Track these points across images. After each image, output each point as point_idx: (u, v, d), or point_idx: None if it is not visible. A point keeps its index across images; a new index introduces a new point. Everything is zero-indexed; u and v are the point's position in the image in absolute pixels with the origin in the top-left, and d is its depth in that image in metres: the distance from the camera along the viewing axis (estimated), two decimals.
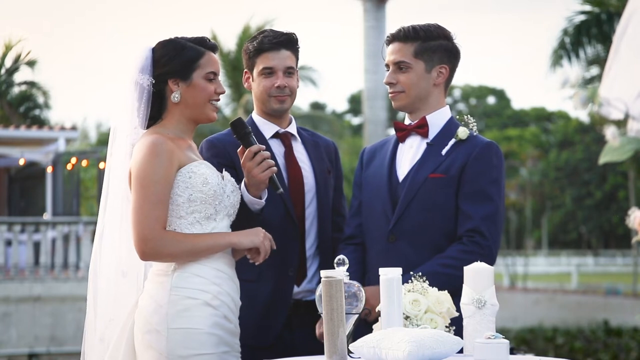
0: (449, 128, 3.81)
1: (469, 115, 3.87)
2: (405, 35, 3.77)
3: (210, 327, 3.36)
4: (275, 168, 3.59)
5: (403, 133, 3.85)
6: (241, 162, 3.60)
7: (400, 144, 3.87)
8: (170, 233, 3.38)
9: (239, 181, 3.67)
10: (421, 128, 3.82)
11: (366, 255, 3.86)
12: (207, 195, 3.41)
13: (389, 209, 3.77)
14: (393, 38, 3.81)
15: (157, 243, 3.33)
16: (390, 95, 3.83)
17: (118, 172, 3.53)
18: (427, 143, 3.80)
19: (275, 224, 3.81)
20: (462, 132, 3.79)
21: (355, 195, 3.97)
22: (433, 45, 3.78)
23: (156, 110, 3.50)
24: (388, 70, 3.83)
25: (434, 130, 3.81)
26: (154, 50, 3.51)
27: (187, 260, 3.38)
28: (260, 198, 3.64)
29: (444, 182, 3.72)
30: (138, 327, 3.39)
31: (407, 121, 3.89)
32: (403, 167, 3.82)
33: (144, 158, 3.37)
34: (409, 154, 3.83)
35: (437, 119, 3.83)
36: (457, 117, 3.89)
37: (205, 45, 3.52)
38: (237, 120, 3.64)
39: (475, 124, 3.83)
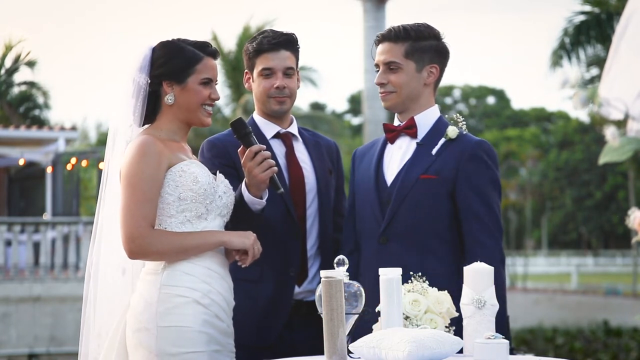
0: (438, 127, 3.81)
1: (458, 114, 3.87)
2: (395, 35, 3.77)
3: (200, 325, 3.36)
4: (276, 168, 3.59)
5: (393, 134, 3.85)
6: (242, 162, 3.60)
7: (389, 145, 3.86)
8: (158, 231, 3.38)
9: (240, 181, 3.67)
10: (410, 129, 3.81)
11: (362, 257, 3.86)
12: (198, 194, 3.41)
13: (378, 211, 3.77)
14: (383, 38, 3.81)
15: (144, 241, 3.33)
16: (380, 95, 3.83)
17: (116, 170, 3.53)
18: (417, 143, 3.79)
19: (276, 224, 3.81)
20: (452, 132, 3.78)
21: (348, 199, 3.99)
22: (423, 45, 3.77)
23: (151, 110, 3.51)
24: (378, 70, 3.83)
25: (422, 130, 3.81)
26: (154, 49, 3.51)
27: (176, 258, 3.38)
28: (261, 198, 3.64)
29: (435, 183, 3.72)
30: (129, 326, 3.40)
31: (396, 122, 3.89)
32: (392, 168, 3.81)
33: (132, 158, 3.38)
34: (398, 154, 3.82)
35: (426, 119, 3.82)
36: (446, 116, 3.89)
37: (205, 50, 3.52)
38: (237, 121, 3.64)
39: (464, 122, 3.83)
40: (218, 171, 3.59)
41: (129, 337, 3.39)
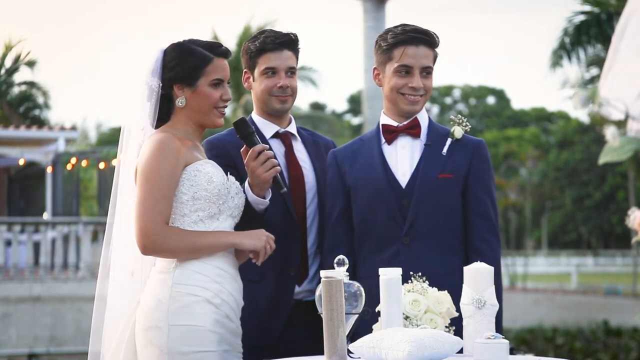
0: (434, 128, 3.89)
1: (460, 115, 3.94)
2: (434, 41, 3.83)
3: (211, 324, 3.36)
4: (279, 167, 3.60)
5: (392, 135, 3.86)
6: (245, 162, 3.60)
7: (387, 146, 3.87)
8: (172, 228, 3.39)
9: (241, 181, 3.68)
10: (413, 129, 3.85)
11: (365, 260, 3.84)
12: (212, 194, 3.42)
13: (396, 212, 3.77)
14: (419, 41, 3.80)
15: (158, 237, 3.34)
16: (409, 98, 3.80)
17: (129, 171, 3.54)
18: (425, 144, 3.83)
19: (276, 223, 3.81)
20: (459, 132, 3.85)
21: (334, 203, 3.90)
22: (438, 52, 3.88)
23: (164, 112, 3.52)
24: (404, 71, 3.79)
25: (423, 130, 3.87)
26: (165, 52, 3.51)
27: (187, 257, 3.39)
28: (264, 198, 3.65)
29: (453, 182, 3.78)
30: (139, 324, 3.40)
31: (391, 122, 3.88)
32: (403, 169, 3.82)
33: (150, 154, 3.39)
34: (404, 155, 3.84)
35: (424, 120, 3.90)
36: (451, 117, 3.96)
37: (215, 51, 3.51)
38: (240, 120, 3.65)
39: (468, 124, 3.90)
40: (229, 172, 3.59)
41: (139, 335, 3.39)
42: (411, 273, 3.38)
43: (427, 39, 3.80)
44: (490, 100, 70.54)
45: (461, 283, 3.44)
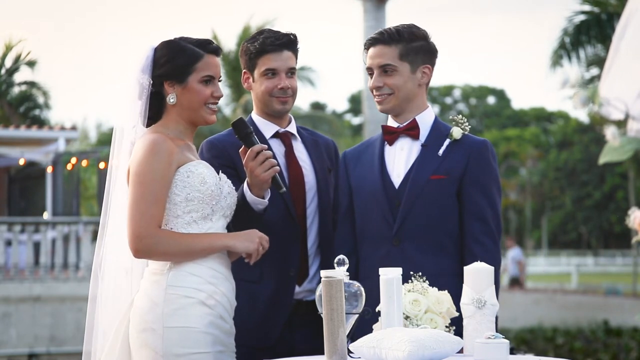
0: (438, 128, 3.85)
1: (460, 115, 3.92)
2: (389, 38, 3.78)
3: (205, 326, 3.36)
4: (277, 167, 3.59)
5: (393, 136, 3.86)
6: (243, 162, 3.60)
7: (388, 147, 3.87)
8: (165, 232, 3.38)
9: (240, 181, 3.68)
10: (412, 130, 3.83)
11: (364, 260, 3.85)
12: (205, 195, 3.41)
13: (388, 213, 3.77)
14: (375, 41, 3.81)
15: (151, 241, 3.33)
16: (377, 99, 3.83)
17: (123, 170, 3.53)
18: (422, 145, 3.81)
19: (276, 223, 3.81)
20: (457, 132, 3.83)
21: (342, 203, 3.94)
22: (416, 47, 3.80)
23: (155, 110, 3.51)
24: (371, 74, 3.84)
25: (424, 131, 3.84)
26: (155, 49, 3.51)
27: (180, 260, 3.38)
28: (263, 198, 3.64)
29: (445, 183, 3.75)
30: (133, 326, 3.40)
31: (393, 123, 3.89)
32: (398, 170, 3.82)
33: (143, 156, 3.37)
34: (401, 156, 3.83)
35: (426, 120, 3.86)
36: (450, 117, 3.93)
37: (206, 48, 3.51)
38: (238, 121, 3.64)
39: (468, 125, 3.87)
40: (222, 171, 3.59)
41: (133, 337, 3.39)
42: (411, 272, 3.37)
43: (380, 38, 3.79)
44: (491, 100, 70.58)
45: (454, 284, 3.43)
